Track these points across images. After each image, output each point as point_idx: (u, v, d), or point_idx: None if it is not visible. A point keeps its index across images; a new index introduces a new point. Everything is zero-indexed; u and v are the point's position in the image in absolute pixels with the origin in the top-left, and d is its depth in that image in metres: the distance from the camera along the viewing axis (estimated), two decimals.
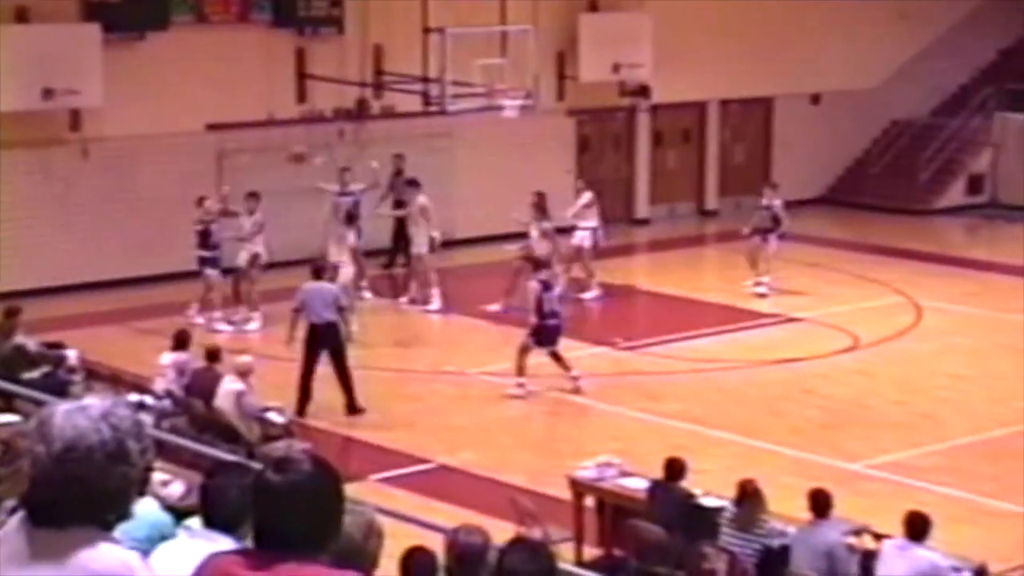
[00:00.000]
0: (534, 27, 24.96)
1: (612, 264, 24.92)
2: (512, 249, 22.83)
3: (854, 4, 30.40)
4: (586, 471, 13.42)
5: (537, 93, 24.85)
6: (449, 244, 24.37)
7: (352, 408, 17.37)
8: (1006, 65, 32.25)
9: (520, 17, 25.04)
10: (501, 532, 11.18)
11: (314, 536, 3.40)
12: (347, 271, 21.18)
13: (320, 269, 18.30)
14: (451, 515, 12.28)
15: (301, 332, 17.49)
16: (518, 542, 4.50)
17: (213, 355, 16.02)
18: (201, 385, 15.48)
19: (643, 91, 28.49)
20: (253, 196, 21.70)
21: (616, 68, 27.57)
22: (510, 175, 26.57)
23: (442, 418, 17.56)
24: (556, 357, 18.23)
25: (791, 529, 11.67)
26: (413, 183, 23.13)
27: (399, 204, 24.21)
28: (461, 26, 24.02)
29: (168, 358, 15.90)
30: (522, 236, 22.65)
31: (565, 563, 11.24)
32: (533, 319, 18.08)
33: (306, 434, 15.68)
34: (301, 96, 25.55)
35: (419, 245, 22.57)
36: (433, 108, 24.58)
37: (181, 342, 16.11)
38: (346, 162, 23.93)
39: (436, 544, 6.89)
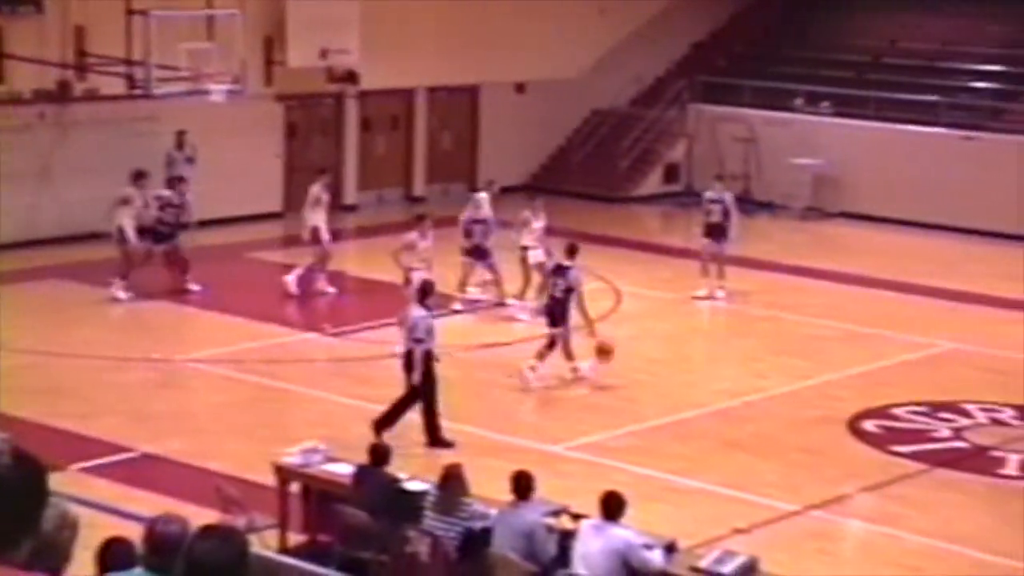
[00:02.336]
0: (241, 12, 24.83)
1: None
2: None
3: None
4: (291, 457, 13.49)
5: (244, 78, 24.72)
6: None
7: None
8: (699, 58, 33.47)
9: (227, 1, 24.87)
10: (206, 520, 11.20)
11: (10, 532, 3.28)
12: None
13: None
14: (155, 504, 12.22)
15: None
16: (208, 529, 4.58)
17: None
18: None
19: (351, 77, 28.60)
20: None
21: (324, 54, 27.60)
22: (217, 160, 26.35)
23: (147, 406, 17.38)
24: None
25: (493, 511, 11.98)
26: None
27: (174, 181, 24.02)
28: (166, 9, 23.72)
29: None
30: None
31: (269, 550, 11.33)
32: None
33: (6, 424, 15.31)
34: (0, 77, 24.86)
35: None
36: (138, 91, 24.21)
37: None
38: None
39: (137, 535, 6.89)
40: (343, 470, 13.02)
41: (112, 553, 6.59)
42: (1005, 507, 15.00)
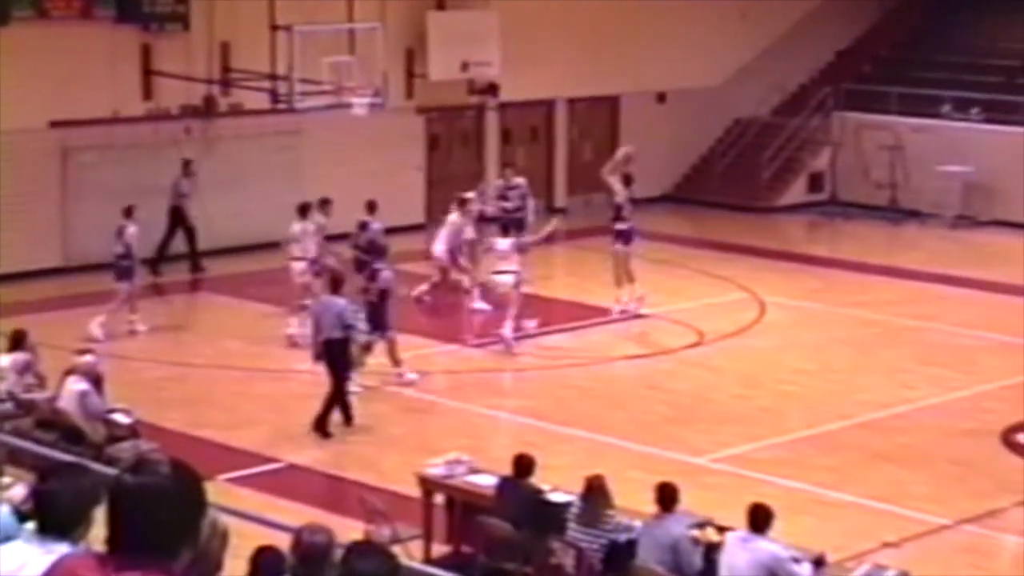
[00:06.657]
0: (382, 25, 24.99)
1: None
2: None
3: (697, 4, 30.87)
4: (435, 468, 13.49)
5: (386, 91, 24.86)
6: None
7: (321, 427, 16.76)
8: (843, 65, 32.99)
9: (368, 15, 25.06)
10: (350, 531, 11.23)
11: (170, 541, 3.30)
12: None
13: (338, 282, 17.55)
14: (300, 514, 12.27)
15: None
16: (363, 545, 4.56)
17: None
18: None
19: (491, 89, 28.66)
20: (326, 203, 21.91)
21: (464, 66, 27.69)
22: (359, 173, 26.55)
23: (291, 417, 17.50)
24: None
25: (637, 523, 11.85)
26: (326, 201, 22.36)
27: (176, 211, 23.96)
28: (309, 23, 23.95)
29: (6, 359, 15.59)
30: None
31: (413, 561, 11.33)
32: None
33: (153, 434, 15.52)
34: (147, 93, 25.26)
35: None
36: (281, 106, 24.48)
37: (17, 341, 15.79)
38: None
39: (285, 544, 6.92)
40: (486, 481, 12.99)
41: (264, 561, 6.64)
42: None
